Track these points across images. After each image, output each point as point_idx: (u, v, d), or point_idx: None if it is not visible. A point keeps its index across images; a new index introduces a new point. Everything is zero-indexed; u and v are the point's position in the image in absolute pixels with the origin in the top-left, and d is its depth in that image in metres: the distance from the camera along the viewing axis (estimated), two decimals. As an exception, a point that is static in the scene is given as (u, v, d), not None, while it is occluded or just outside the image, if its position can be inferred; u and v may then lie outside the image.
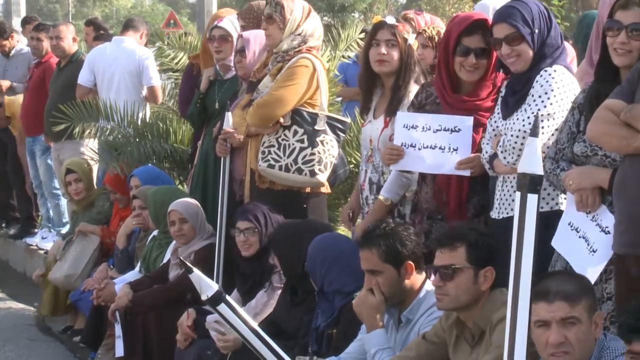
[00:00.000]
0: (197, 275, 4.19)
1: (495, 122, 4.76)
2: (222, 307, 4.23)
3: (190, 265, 4.28)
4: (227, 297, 4.29)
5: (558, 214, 4.55)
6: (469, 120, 4.90)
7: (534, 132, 3.32)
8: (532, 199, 3.28)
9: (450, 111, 5.00)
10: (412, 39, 5.40)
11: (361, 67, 5.68)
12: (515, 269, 3.32)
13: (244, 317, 4.33)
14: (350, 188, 8.14)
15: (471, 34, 4.95)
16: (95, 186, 8.51)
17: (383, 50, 5.38)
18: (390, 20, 5.46)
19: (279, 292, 5.59)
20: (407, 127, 5.02)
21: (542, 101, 4.51)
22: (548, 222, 4.33)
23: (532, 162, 3.28)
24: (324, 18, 40.94)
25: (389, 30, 5.39)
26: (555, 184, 4.40)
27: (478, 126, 4.93)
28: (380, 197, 5.34)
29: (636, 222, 3.86)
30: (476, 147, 4.92)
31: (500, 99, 4.79)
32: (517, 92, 4.67)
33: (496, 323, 4.05)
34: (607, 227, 4.05)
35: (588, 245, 4.12)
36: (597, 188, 4.12)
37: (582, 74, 4.95)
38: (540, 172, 3.28)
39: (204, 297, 4.21)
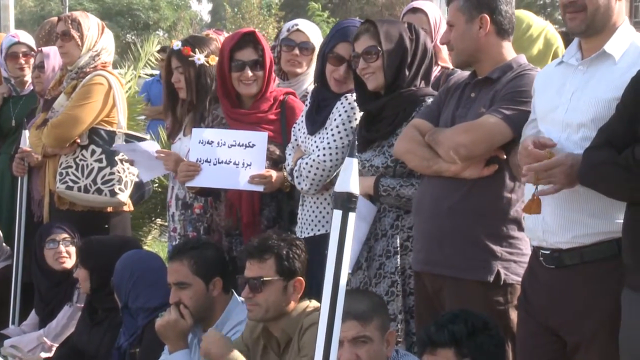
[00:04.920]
0: None
1: (300, 133, 4.80)
2: None
3: None
4: None
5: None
6: (264, 136, 4.94)
7: (351, 153, 3.36)
8: (351, 217, 3.30)
9: (235, 126, 5.05)
10: (202, 59, 5.34)
11: (164, 92, 5.64)
12: (333, 284, 3.32)
13: None
14: (154, 207, 8.06)
15: (242, 47, 5.02)
16: None
17: (174, 78, 5.37)
18: (176, 45, 5.42)
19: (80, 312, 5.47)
20: (202, 143, 5.01)
21: (339, 132, 4.59)
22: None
23: (349, 181, 3.31)
24: (127, 36, 40.49)
25: (176, 56, 5.37)
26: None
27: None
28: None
29: (430, 241, 4.02)
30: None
31: (305, 111, 4.84)
32: (322, 111, 4.73)
33: (306, 327, 4.11)
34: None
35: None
36: (367, 195, 4.29)
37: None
38: (355, 191, 3.31)
39: None
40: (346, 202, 3.27)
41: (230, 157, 4.94)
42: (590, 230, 3.47)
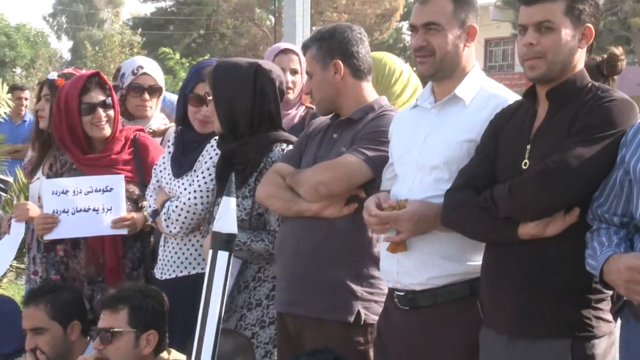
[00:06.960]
0: None
1: (162, 175, 4.74)
2: None
3: None
4: None
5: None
6: (120, 179, 4.87)
7: (229, 192, 3.34)
8: (223, 256, 3.27)
9: (90, 172, 4.95)
10: None
11: (34, 123, 5.56)
12: (200, 326, 3.28)
13: None
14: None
15: (89, 90, 4.95)
16: None
17: (39, 105, 5.33)
18: (51, 75, 5.37)
19: None
20: (56, 194, 4.89)
21: (210, 174, 4.54)
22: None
23: (230, 221, 3.29)
24: (-17, 73, 39.40)
25: (48, 85, 5.32)
26: None
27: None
28: None
29: (291, 281, 4.01)
30: None
31: (168, 153, 4.77)
32: (189, 153, 4.67)
33: None
34: None
35: None
36: None
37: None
38: (234, 230, 3.29)
39: None
40: (227, 243, 3.25)
41: (89, 204, 4.84)
42: (444, 272, 3.53)
